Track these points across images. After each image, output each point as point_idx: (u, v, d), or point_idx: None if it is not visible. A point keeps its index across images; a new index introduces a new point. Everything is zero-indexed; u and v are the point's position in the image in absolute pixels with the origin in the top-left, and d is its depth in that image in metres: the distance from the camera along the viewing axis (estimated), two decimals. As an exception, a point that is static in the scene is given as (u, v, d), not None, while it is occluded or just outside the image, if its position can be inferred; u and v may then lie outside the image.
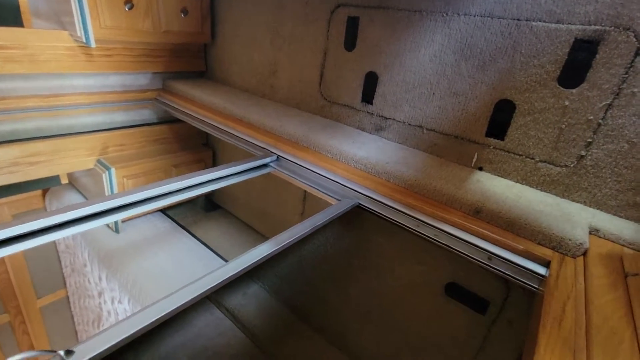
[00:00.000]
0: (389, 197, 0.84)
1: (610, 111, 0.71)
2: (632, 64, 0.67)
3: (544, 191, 0.82)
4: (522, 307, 0.75)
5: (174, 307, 0.50)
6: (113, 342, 0.43)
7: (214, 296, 1.31)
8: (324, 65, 1.15)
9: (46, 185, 1.56)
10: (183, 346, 1.14)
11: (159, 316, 0.48)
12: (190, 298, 0.51)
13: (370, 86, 1.06)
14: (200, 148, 1.65)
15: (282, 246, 0.65)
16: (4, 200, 1.57)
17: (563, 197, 0.80)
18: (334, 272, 1.11)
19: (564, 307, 0.52)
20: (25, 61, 1.09)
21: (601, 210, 0.75)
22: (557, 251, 0.67)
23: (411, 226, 0.79)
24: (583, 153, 0.76)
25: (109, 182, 1.29)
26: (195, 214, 1.72)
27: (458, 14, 0.85)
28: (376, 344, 1.07)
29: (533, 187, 0.83)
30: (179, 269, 1.33)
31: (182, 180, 0.82)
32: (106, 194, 1.32)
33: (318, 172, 0.96)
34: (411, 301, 0.94)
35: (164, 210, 1.69)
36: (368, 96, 1.07)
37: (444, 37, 0.89)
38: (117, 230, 1.48)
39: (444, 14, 0.87)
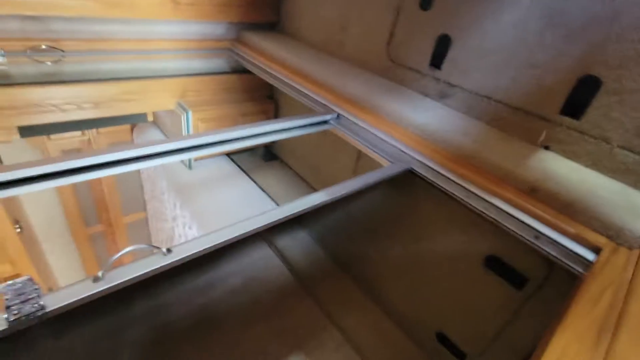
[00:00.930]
0: (443, 165, 0.85)
1: None
2: None
3: (614, 179, 0.77)
4: (561, 289, 0.76)
5: (233, 236, 0.60)
6: (195, 251, 0.54)
7: (266, 234, 1.46)
8: (395, 24, 1.13)
9: (135, 121, 1.78)
10: (237, 271, 1.33)
11: (221, 240, 0.59)
12: (246, 231, 0.61)
13: (441, 50, 1.02)
14: (264, 100, 1.74)
15: (332, 198, 0.72)
16: (102, 130, 1.85)
17: (635, 187, 0.75)
18: (377, 230, 1.18)
19: (603, 291, 0.53)
20: (126, 6, 1.22)
21: (677, 205, 0.70)
22: (612, 240, 0.65)
23: (461, 196, 0.81)
24: (671, 143, 0.69)
25: (186, 124, 1.45)
26: (256, 161, 1.86)
27: (554, -26, 0.77)
28: (407, 302, 1.14)
29: (603, 174, 0.79)
30: (239, 207, 1.50)
31: (247, 129, 0.91)
32: (183, 134, 1.49)
33: (375, 133, 0.99)
34: (448, 267, 0.98)
35: (229, 155, 1.86)
36: (437, 60, 1.03)
37: (532, 1, 0.82)
38: (189, 167, 1.67)
39: (537, -26, 0.80)
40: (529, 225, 0.71)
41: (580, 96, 0.79)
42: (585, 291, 0.52)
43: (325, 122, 1.07)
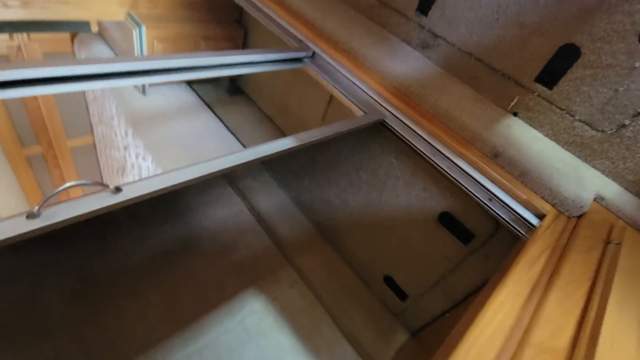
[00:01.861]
0: (415, 121, 0.83)
1: (678, 84, 0.65)
2: None
3: (569, 151, 0.81)
4: (502, 247, 0.83)
5: (194, 177, 0.56)
6: (148, 191, 0.50)
7: (229, 174, 1.42)
8: (387, -46, 1.01)
9: (75, 30, 1.53)
10: (196, 207, 1.30)
11: (182, 181, 0.55)
12: (209, 172, 0.57)
13: (430, -7, 0.94)
14: (232, 25, 1.56)
15: (300, 145, 0.69)
16: (35, 36, 1.57)
17: (585, 160, 0.80)
18: (341, 177, 1.18)
19: (541, 254, 0.58)
20: None
21: (615, 181, 0.76)
22: (556, 207, 0.70)
23: (428, 154, 0.81)
24: (627, 122, 0.72)
25: (139, 41, 1.26)
26: (219, 94, 1.72)
27: None
28: (361, 246, 1.21)
29: (560, 145, 0.83)
30: (200, 142, 1.41)
31: (212, 57, 0.81)
32: (135, 54, 1.31)
33: (351, 79, 0.93)
34: (404, 218, 1.03)
35: (190, 84, 1.69)
36: (425, 6, 0.96)
37: (535, -49, 0.75)
38: (144, 92, 1.51)
39: None
40: (485, 188, 0.75)
41: (558, 65, 0.78)
42: (526, 253, 0.57)
43: (299, 59, 0.98)
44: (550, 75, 0.80)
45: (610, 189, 0.74)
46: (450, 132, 0.81)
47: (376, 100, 0.89)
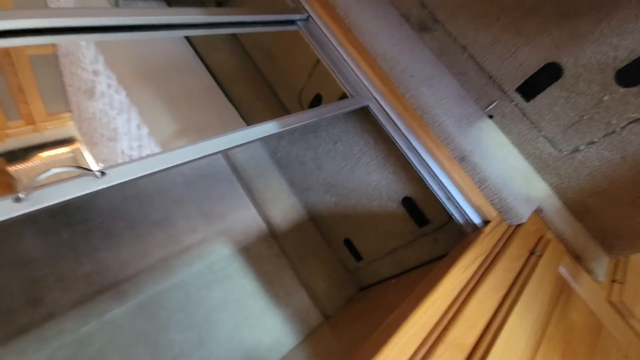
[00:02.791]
0: (397, 112, 0.86)
1: (633, 125, 0.72)
2: (690, 93, 0.64)
3: (528, 161, 0.89)
4: (450, 237, 0.94)
5: (191, 159, 0.58)
6: (138, 175, 0.52)
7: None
8: None
9: None
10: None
11: (179, 162, 0.57)
12: (195, 157, 0.59)
13: (439, -28, 0.89)
14: (222, -54, 1.37)
15: (288, 128, 0.71)
16: None
17: (539, 173, 0.88)
18: (319, 145, 1.21)
19: (476, 259, 0.69)
20: None
21: (558, 197, 0.86)
22: (501, 215, 0.80)
23: (402, 146, 0.86)
24: (581, 147, 0.80)
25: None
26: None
27: None
28: (329, 210, 1.30)
29: (521, 154, 0.90)
30: (179, 83, 1.35)
31: (200, 15, 0.75)
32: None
33: (342, 53, 0.91)
34: (371, 195, 1.11)
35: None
36: (431, -16, 0.91)
37: (551, -44, 0.72)
38: (116, 4, 1.35)
39: None
40: (446, 188, 0.82)
41: (540, 80, 0.81)
42: (463, 258, 0.67)
43: (292, 22, 0.93)
44: (531, 88, 0.83)
45: (551, 203, 0.84)
46: (427, 129, 0.85)
47: (363, 83, 0.89)
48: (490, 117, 0.92)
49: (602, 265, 0.81)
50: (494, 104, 0.90)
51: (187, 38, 1.49)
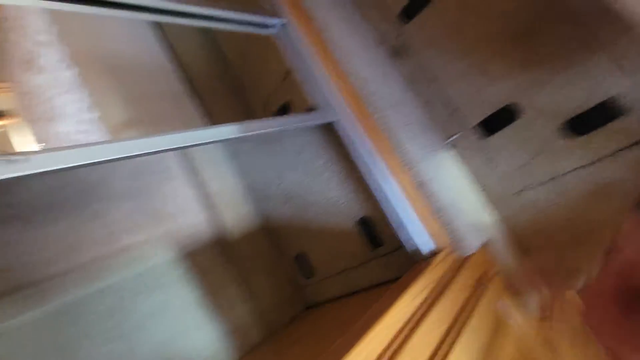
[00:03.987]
0: (363, 132, 0.85)
1: (576, 172, 0.77)
2: (624, 149, 0.70)
3: (481, 195, 0.92)
4: (402, 261, 0.94)
5: (139, 153, 0.52)
6: (72, 165, 0.46)
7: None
8: (390, -62, 0.92)
9: None
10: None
11: (126, 155, 0.51)
12: (158, 149, 0.54)
13: (418, 3, 0.91)
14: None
15: (249, 135, 0.67)
16: None
17: (490, 206, 0.91)
18: (281, 152, 1.18)
19: (424, 289, 0.68)
20: None
21: (506, 232, 0.90)
22: (452, 245, 0.81)
23: (365, 166, 0.85)
24: (530, 187, 0.84)
25: None
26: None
27: (551, -10, 0.72)
28: (285, 222, 1.26)
29: (477, 187, 0.93)
30: (143, 80, 1.25)
31: (171, 2, 0.70)
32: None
33: (316, 66, 0.89)
34: (330, 211, 1.09)
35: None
36: (409, 13, 0.93)
37: (522, 6, 0.77)
38: None
39: None
40: (403, 213, 0.82)
41: (499, 119, 0.85)
42: (412, 287, 0.67)
43: (267, 25, 0.90)
44: (491, 126, 0.87)
45: (499, 237, 0.88)
46: (392, 152, 0.85)
47: (333, 98, 0.87)
48: (452, 147, 0.94)
49: (539, 301, 0.85)
50: (456, 135, 0.93)
51: (158, 25, 1.40)
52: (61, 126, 1.25)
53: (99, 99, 1.16)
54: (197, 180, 1.30)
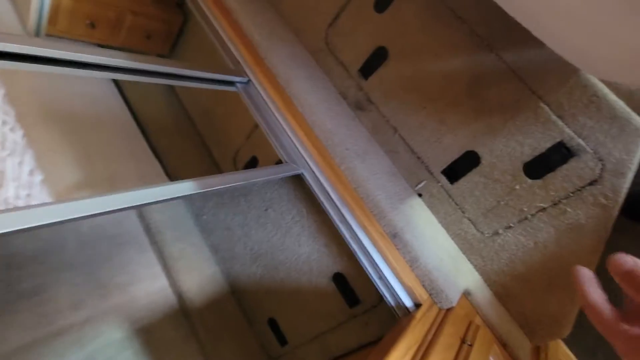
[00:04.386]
0: (331, 182, 0.83)
1: (541, 214, 0.78)
2: (582, 189, 0.73)
3: (454, 241, 0.91)
4: (382, 319, 0.87)
5: (81, 215, 0.46)
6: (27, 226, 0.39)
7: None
8: (344, 9, 1.01)
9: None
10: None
11: (64, 219, 0.45)
12: (114, 208, 0.47)
13: (375, 61, 0.97)
14: (172, 7, 1.39)
15: (212, 189, 0.62)
16: None
17: (465, 254, 0.90)
18: (248, 210, 1.13)
19: (408, 351, 0.62)
20: None
21: (483, 279, 0.87)
22: (432, 298, 0.77)
23: (335, 218, 0.82)
24: (500, 231, 0.84)
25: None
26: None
27: (491, 49, 0.80)
28: (252, 283, 1.16)
29: (448, 233, 0.92)
30: (96, 130, 1.20)
31: (134, 62, 0.69)
32: (32, 7, 1.05)
33: (279, 119, 0.89)
34: (301, 269, 1.02)
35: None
36: (367, 70, 0.99)
37: (467, 63, 0.84)
38: (37, 33, 1.21)
39: (481, 40, 0.81)
40: (378, 267, 0.78)
41: (462, 166, 0.87)
42: (396, 350, 0.60)
43: (231, 83, 0.91)
44: (454, 172, 0.89)
45: (477, 285, 0.84)
46: (361, 203, 0.83)
47: (299, 150, 0.86)
48: (420, 195, 0.95)
49: (526, 352, 0.80)
50: (422, 183, 0.94)
51: (116, 84, 1.39)
52: (2, 192, 1.13)
53: (46, 161, 1.08)
54: (157, 243, 1.19)
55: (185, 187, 0.60)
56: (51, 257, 1.00)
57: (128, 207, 0.52)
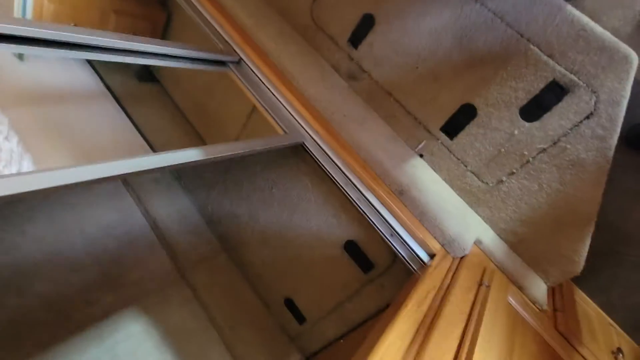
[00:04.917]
0: (333, 149, 0.84)
1: (542, 155, 0.79)
2: (579, 124, 0.74)
3: (460, 196, 0.92)
4: (398, 279, 0.88)
5: (86, 179, 0.46)
6: (21, 191, 0.39)
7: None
8: (327, -19, 1.02)
9: None
10: (80, 206, 1.09)
11: (67, 182, 0.44)
12: (101, 176, 0.47)
13: (362, 29, 0.98)
14: (154, 5, 1.39)
15: (213, 158, 0.63)
16: None
17: (471, 206, 0.90)
18: (253, 193, 1.13)
19: (427, 294, 0.62)
20: None
21: (492, 228, 0.88)
22: (445, 248, 0.77)
23: (341, 183, 0.82)
24: (504, 179, 0.85)
25: (23, -4, 1.02)
26: (126, 78, 1.51)
27: (476, 0, 0.81)
28: (266, 266, 1.16)
29: (453, 189, 0.92)
30: (91, 134, 1.20)
31: (122, 40, 0.69)
32: (15, 10, 1.05)
33: (275, 94, 0.90)
34: (311, 243, 1.02)
35: (90, 60, 1.44)
36: (356, 39, 1.00)
37: (452, 17, 0.85)
38: (21, 58, 1.22)
39: (464, -8, 0.82)
40: (389, 223, 0.78)
41: (459, 120, 0.88)
42: (416, 292, 0.61)
43: (223, 62, 0.91)
44: (453, 128, 0.90)
45: (487, 235, 0.85)
46: (364, 165, 0.83)
47: (298, 122, 0.87)
48: (421, 155, 0.95)
49: (543, 293, 0.81)
50: (422, 143, 0.94)
51: (106, 85, 1.39)
52: None
53: (45, 164, 1.08)
54: (165, 238, 1.19)
55: (182, 156, 0.60)
56: (61, 259, 0.99)
57: (121, 174, 0.51)
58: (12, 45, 0.56)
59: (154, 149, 1.35)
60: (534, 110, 0.79)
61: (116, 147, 1.22)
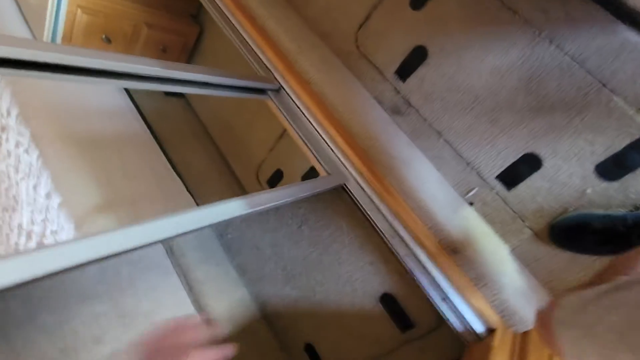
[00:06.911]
0: (378, 193, 0.76)
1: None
2: None
3: (514, 254, 0.82)
4: (442, 345, 0.78)
5: (123, 249, 0.38)
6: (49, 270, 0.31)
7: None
8: (376, 7, 0.95)
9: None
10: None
11: (108, 253, 0.37)
12: (143, 243, 0.40)
13: (413, 62, 0.90)
14: (186, 18, 1.34)
15: (256, 210, 0.55)
16: None
17: (528, 267, 0.81)
18: (279, 227, 1.05)
19: (496, 388, 0.53)
20: None
21: (552, 296, 0.78)
22: (504, 320, 0.68)
23: (386, 234, 0.74)
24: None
25: (55, 7, 0.97)
26: (153, 93, 1.45)
27: (551, 41, 0.73)
28: (286, 306, 1.07)
29: (508, 247, 0.83)
30: (114, 151, 1.14)
31: (158, 67, 0.62)
32: (47, 18, 1.00)
33: (316, 127, 0.83)
34: (344, 289, 0.93)
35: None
36: (405, 71, 0.92)
37: (520, 57, 0.76)
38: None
39: (537, 32, 0.74)
40: (440, 286, 0.69)
41: (520, 170, 0.79)
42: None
43: (262, 91, 0.84)
44: (511, 177, 0.81)
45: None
46: (413, 215, 0.75)
47: (341, 160, 0.79)
48: (471, 204, 0.86)
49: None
50: (474, 190, 0.85)
51: (132, 99, 1.34)
52: (16, 217, 1.06)
53: (65, 182, 1.01)
54: (181, 266, 1.11)
55: (225, 210, 0.52)
56: (71, 287, 0.92)
57: (162, 239, 0.44)
58: (47, 74, 0.50)
59: (174, 165, 1.28)
60: (613, 168, 0.69)
61: (142, 168, 1.16)
